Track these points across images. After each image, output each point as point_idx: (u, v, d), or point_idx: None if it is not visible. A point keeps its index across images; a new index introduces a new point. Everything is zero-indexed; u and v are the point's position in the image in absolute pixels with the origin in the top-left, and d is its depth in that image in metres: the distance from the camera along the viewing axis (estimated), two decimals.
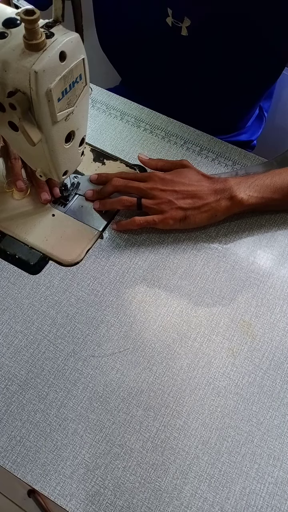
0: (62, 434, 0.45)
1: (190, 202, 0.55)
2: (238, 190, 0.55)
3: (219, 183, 0.56)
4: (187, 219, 0.55)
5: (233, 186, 0.55)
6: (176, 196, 0.55)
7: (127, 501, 0.42)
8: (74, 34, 0.38)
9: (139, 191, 0.56)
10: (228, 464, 0.44)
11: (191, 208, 0.55)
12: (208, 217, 0.56)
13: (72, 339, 0.50)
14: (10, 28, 0.38)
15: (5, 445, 0.44)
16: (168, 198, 0.55)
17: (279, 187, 0.56)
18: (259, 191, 0.56)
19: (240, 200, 0.55)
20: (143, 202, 0.56)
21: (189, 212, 0.55)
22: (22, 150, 0.48)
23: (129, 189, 0.57)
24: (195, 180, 0.56)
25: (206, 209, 0.55)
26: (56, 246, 0.55)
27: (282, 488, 0.44)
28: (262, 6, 0.60)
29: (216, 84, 0.74)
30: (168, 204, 0.55)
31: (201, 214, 0.55)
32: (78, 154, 0.50)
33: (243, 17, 0.62)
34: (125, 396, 0.47)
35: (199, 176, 0.57)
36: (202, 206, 0.55)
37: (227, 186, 0.55)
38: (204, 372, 0.49)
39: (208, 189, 0.55)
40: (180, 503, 0.42)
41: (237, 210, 0.56)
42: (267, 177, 0.56)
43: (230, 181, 0.56)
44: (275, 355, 0.50)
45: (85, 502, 0.42)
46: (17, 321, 0.51)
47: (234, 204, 0.55)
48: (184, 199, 0.55)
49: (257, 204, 0.56)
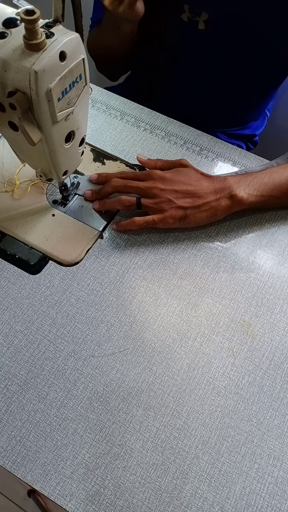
0: (62, 434, 0.45)
1: (189, 201, 0.55)
2: (237, 189, 0.55)
3: (219, 182, 0.56)
4: (187, 218, 0.55)
5: (233, 185, 0.55)
6: (175, 195, 0.55)
7: (127, 501, 0.42)
8: (74, 34, 0.38)
9: (138, 190, 0.56)
10: (228, 464, 0.44)
11: (190, 207, 0.55)
12: (207, 216, 0.56)
13: (72, 339, 0.50)
14: (10, 28, 0.38)
15: (5, 445, 0.44)
16: (168, 197, 0.55)
17: (278, 184, 0.56)
18: (258, 189, 0.56)
19: (240, 199, 0.55)
20: (142, 202, 0.55)
21: (188, 211, 0.55)
22: (22, 150, 0.48)
23: (128, 189, 0.57)
24: (194, 179, 0.56)
25: (206, 208, 0.55)
26: (56, 246, 0.55)
27: (282, 488, 0.44)
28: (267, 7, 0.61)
29: (227, 78, 0.74)
30: (167, 203, 0.55)
31: (200, 213, 0.55)
32: (78, 154, 0.50)
33: (255, 16, 0.62)
34: (125, 396, 0.47)
35: (199, 175, 0.57)
36: (202, 205, 0.55)
37: (226, 185, 0.55)
38: (204, 372, 0.49)
39: (208, 188, 0.55)
40: (180, 503, 0.42)
41: (237, 209, 0.56)
42: (266, 175, 0.57)
43: (229, 180, 0.56)
44: (275, 355, 0.50)
45: (85, 502, 0.42)
46: (17, 321, 0.51)
47: (234, 203, 0.55)
48: (183, 198, 0.55)
49: (256, 202, 0.56)
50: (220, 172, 0.65)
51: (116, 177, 0.58)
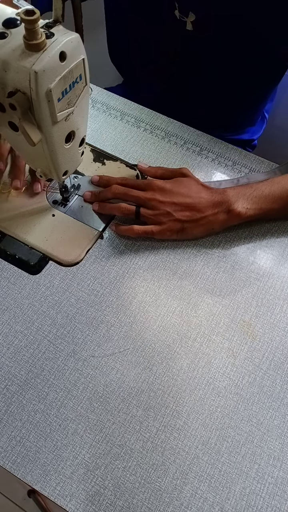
0: (62, 434, 0.45)
1: (188, 214, 0.55)
2: (236, 203, 0.55)
3: (218, 195, 0.56)
4: (184, 231, 0.56)
5: (231, 198, 0.55)
6: (174, 208, 0.55)
7: (127, 501, 0.42)
8: (74, 34, 0.38)
9: (138, 200, 0.56)
10: (228, 464, 0.44)
11: (188, 221, 0.55)
12: (205, 230, 0.56)
13: (72, 339, 0.50)
14: (10, 28, 0.38)
15: (5, 445, 0.44)
16: (167, 210, 0.55)
17: (278, 196, 0.56)
18: (257, 202, 0.56)
19: (238, 213, 0.55)
20: (141, 212, 0.56)
21: (186, 224, 0.55)
22: (22, 150, 0.48)
23: (128, 198, 0.56)
24: (194, 191, 0.56)
25: (204, 222, 0.55)
26: (56, 246, 0.55)
27: (282, 488, 0.44)
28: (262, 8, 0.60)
29: (219, 82, 0.74)
30: (166, 215, 0.55)
31: (198, 227, 0.56)
32: (78, 154, 0.50)
33: (245, 16, 0.62)
34: (125, 396, 0.47)
35: (198, 186, 0.57)
36: (200, 219, 0.55)
37: (225, 198, 0.55)
38: (204, 372, 0.49)
39: (207, 201, 0.55)
40: (180, 503, 0.42)
41: (234, 223, 0.57)
42: (266, 187, 0.56)
43: (228, 193, 0.56)
44: (275, 355, 0.50)
45: (85, 502, 0.42)
46: (17, 321, 0.51)
47: (232, 218, 0.55)
48: (182, 211, 0.55)
49: (255, 215, 0.56)
50: (221, 174, 0.65)
51: (117, 182, 0.58)
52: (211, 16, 0.64)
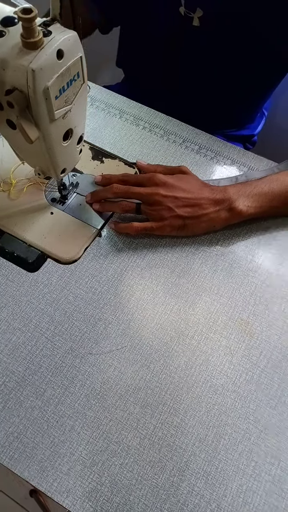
0: (60, 431, 0.45)
1: (190, 211, 0.55)
2: (237, 201, 0.55)
3: (219, 193, 0.56)
4: (185, 227, 0.55)
5: (232, 196, 0.55)
6: (176, 203, 0.54)
7: (124, 498, 0.43)
8: (71, 32, 0.38)
9: (140, 197, 0.55)
10: (225, 462, 0.44)
11: (190, 217, 0.55)
12: (206, 227, 0.56)
13: (70, 337, 0.50)
14: (7, 27, 0.38)
15: (3, 441, 0.44)
16: (168, 205, 0.54)
17: (277, 194, 0.56)
18: (257, 200, 0.56)
19: (239, 212, 0.55)
20: (142, 208, 0.55)
21: (187, 221, 0.55)
22: (20, 148, 0.48)
23: (130, 195, 0.56)
24: (196, 188, 0.56)
25: (205, 219, 0.55)
26: (55, 244, 0.55)
27: (279, 486, 0.44)
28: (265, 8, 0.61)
29: (220, 79, 0.74)
30: (168, 211, 0.54)
31: (199, 224, 0.55)
32: (76, 152, 0.50)
33: (251, 15, 0.62)
34: (122, 394, 0.47)
35: (200, 184, 0.57)
36: (202, 216, 0.55)
37: (226, 196, 0.55)
38: (202, 370, 0.49)
39: (208, 198, 0.55)
40: (177, 500, 0.43)
41: (235, 221, 0.57)
42: (265, 184, 0.56)
43: (229, 191, 0.56)
44: (273, 353, 0.50)
45: (82, 499, 0.42)
46: (15, 318, 0.51)
47: (233, 216, 0.55)
48: (184, 207, 0.55)
49: (256, 213, 0.56)
50: (219, 172, 0.65)
51: (119, 179, 0.58)
52: (217, 13, 0.64)
